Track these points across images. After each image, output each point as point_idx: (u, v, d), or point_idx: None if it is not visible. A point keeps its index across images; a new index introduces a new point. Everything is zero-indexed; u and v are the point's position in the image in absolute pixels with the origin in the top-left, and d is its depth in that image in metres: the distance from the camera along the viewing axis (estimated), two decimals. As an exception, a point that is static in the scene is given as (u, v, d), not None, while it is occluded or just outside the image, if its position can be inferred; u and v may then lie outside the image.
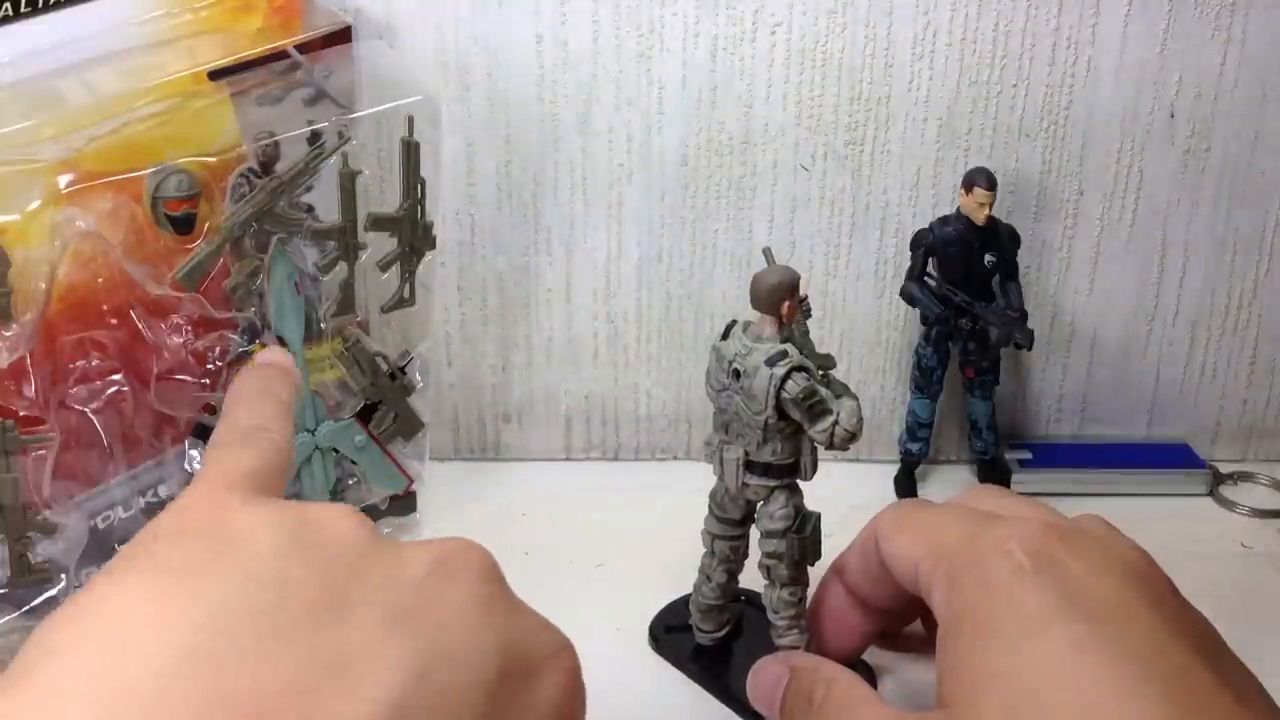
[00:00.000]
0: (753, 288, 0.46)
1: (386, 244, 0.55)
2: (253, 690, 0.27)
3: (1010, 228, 0.63)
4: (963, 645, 0.37)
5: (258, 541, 0.30)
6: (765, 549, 0.49)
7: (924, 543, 0.42)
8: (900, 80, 0.62)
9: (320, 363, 0.56)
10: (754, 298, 0.46)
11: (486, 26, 0.61)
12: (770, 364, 0.45)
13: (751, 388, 0.45)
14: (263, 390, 0.40)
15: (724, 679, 0.51)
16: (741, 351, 0.46)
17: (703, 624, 0.52)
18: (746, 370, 0.45)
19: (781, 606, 0.49)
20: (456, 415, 0.69)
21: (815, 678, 0.43)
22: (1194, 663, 0.35)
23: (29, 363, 0.50)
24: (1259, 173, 0.65)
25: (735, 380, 0.46)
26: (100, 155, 0.50)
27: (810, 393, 0.45)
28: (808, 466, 0.48)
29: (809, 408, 0.45)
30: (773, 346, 0.45)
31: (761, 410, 0.45)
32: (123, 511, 0.54)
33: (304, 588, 0.29)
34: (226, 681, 0.27)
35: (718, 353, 0.47)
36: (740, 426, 0.47)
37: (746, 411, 0.46)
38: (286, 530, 0.31)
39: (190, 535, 0.31)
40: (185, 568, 0.29)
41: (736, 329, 0.47)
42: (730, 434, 0.47)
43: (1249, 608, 0.57)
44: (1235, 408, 0.70)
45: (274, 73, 0.54)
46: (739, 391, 0.46)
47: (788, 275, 0.46)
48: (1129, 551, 0.40)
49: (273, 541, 0.30)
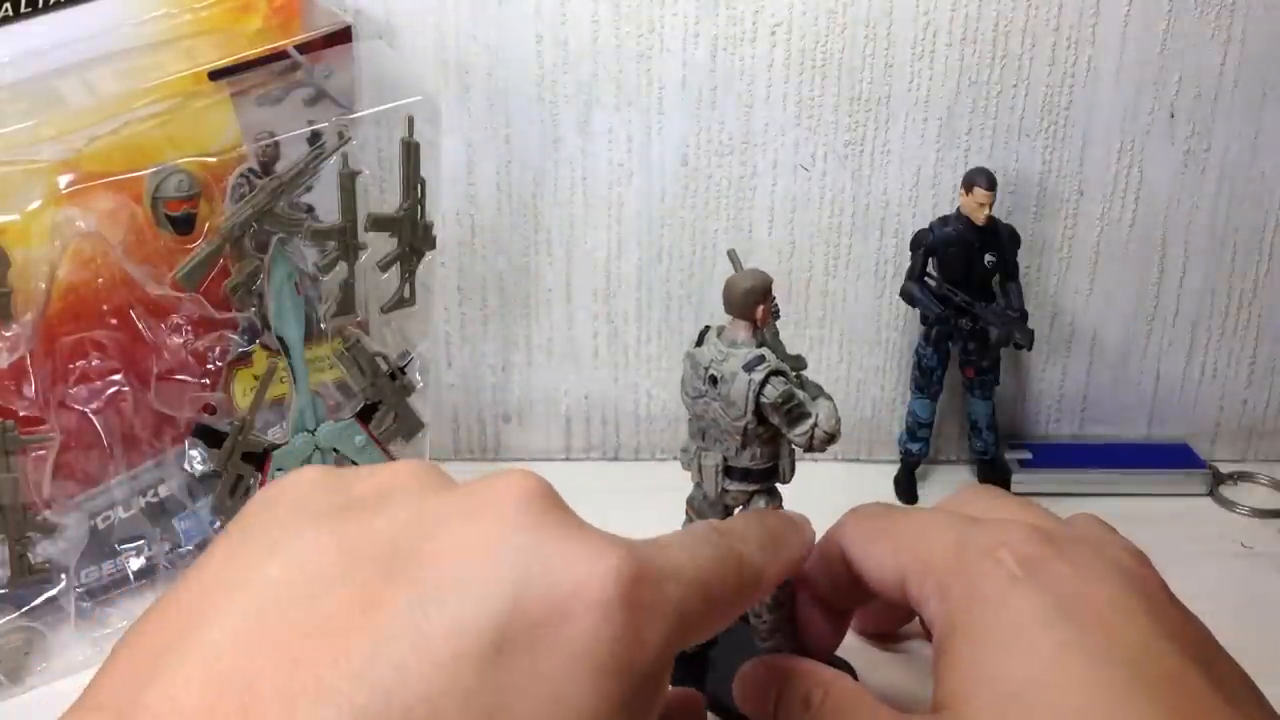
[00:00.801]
0: (726, 293, 0.46)
1: (386, 244, 0.55)
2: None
3: (1010, 228, 0.63)
4: (955, 651, 0.37)
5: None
6: None
7: (907, 554, 0.41)
8: (900, 80, 0.62)
9: (320, 363, 0.56)
10: (727, 302, 0.46)
11: (486, 26, 0.61)
12: (748, 369, 0.44)
13: (730, 394, 0.45)
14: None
15: (704, 686, 0.51)
16: (717, 358, 0.45)
17: None
18: (724, 376, 0.45)
19: (764, 610, 0.48)
20: (456, 415, 0.69)
21: (812, 681, 0.42)
22: (1186, 666, 0.35)
23: (29, 363, 0.50)
24: (1259, 173, 0.65)
25: (713, 387, 0.45)
26: (100, 155, 0.50)
27: (789, 396, 0.44)
28: (786, 470, 0.47)
29: (787, 412, 0.44)
30: (749, 351, 0.45)
31: (741, 416, 0.45)
32: (123, 511, 0.54)
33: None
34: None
35: (692, 360, 0.46)
36: (718, 433, 0.46)
37: (725, 418, 0.45)
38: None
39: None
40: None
41: (710, 334, 0.46)
42: (707, 440, 0.47)
43: (1249, 608, 0.57)
44: (1235, 408, 0.70)
45: (274, 73, 0.54)
46: (717, 398, 0.45)
47: (761, 279, 0.45)
48: (1122, 553, 0.40)
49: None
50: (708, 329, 0.46)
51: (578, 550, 0.29)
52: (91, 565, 0.54)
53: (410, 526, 0.29)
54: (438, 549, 0.29)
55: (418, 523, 0.30)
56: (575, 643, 0.28)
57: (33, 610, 0.52)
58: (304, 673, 0.26)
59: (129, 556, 0.55)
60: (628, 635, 0.29)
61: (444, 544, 0.29)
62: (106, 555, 0.55)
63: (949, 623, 0.38)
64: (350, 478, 0.32)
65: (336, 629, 0.27)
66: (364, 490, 0.32)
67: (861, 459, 0.69)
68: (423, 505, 0.30)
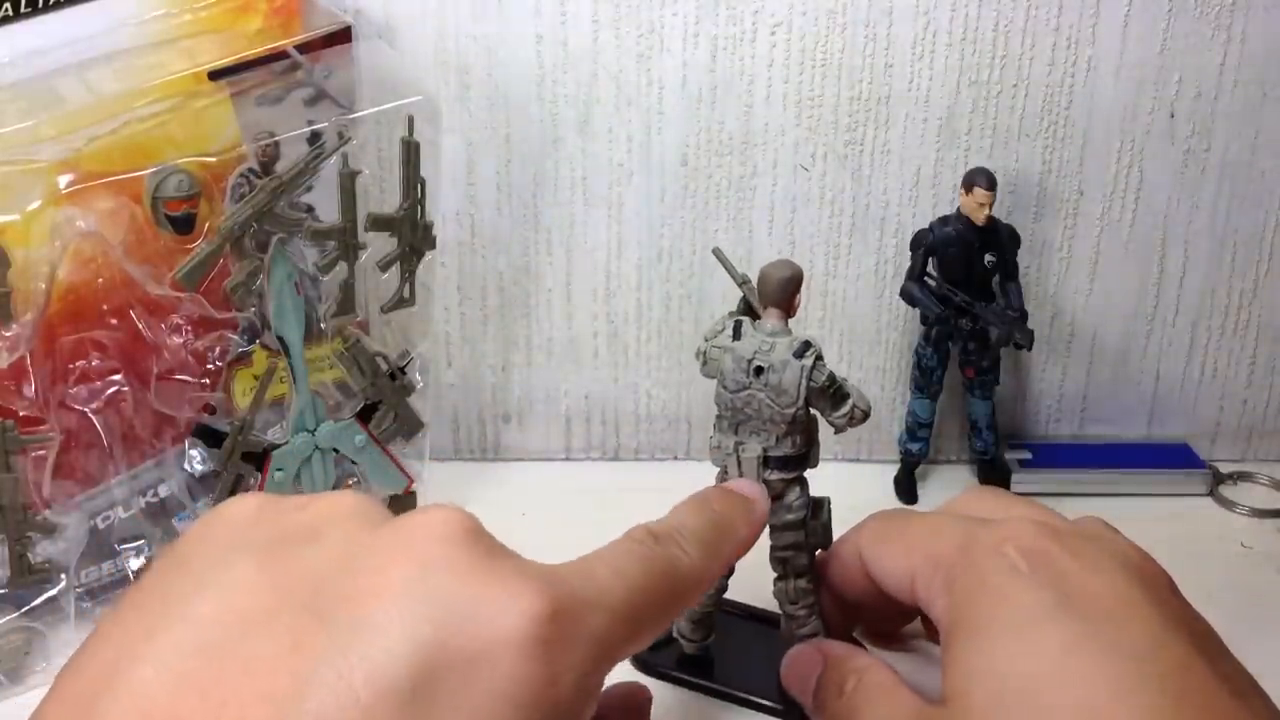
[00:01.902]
0: (762, 284, 0.47)
1: (386, 244, 0.55)
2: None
3: (1010, 228, 0.63)
4: (962, 645, 0.37)
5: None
6: (782, 542, 0.49)
7: (917, 554, 0.42)
8: (900, 80, 0.62)
9: (320, 363, 0.56)
10: (764, 291, 0.47)
11: (486, 26, 0.61)
12: (798, 356, 0.46)
13: (781, 382, 0.46)
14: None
15: (712, 677, 0.52)
16: (762, 348, 0.46)
17: (692, 634, 0.52)
18: (773, 365, 0.46)
19: (799, 596, 0.49)
20: (456, 415, 0.69)
21: (847, 667, 0.44)
22: (1192, 659, 0.35)
23: (29, 363, 0.50)
24: (1259, 173, 0.65)
25: (757, 378, 0.46)
26: (100, 155, 0.50)
27: (833, 379, 0.46)
28: (817, 455, 0.48)
29: (833, 394, 0.46)
30: (793, 339, 0.46)
31: (793, 403, 0.46)
32: (123, 511, 0.54)
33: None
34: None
35: (734, 353, 0.47)
36: (759, 423, 0.47)
37: (772, 406, 0.46)
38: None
39: None
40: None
41: (747, 327, 0.47)
42: (742, 433, 0.48)
43: (1249, 608, 0.57)
44: (1235, 408, 0.70)
45: (274, 73, 0.54)
46: (763, 388, 0.46)
47: (795, 268, 0.47)
48: (1127, 550, 0.40)
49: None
50: (739, 321, 0.47)
51: (497, 591, 0.30)
52: (91, 565, 0.54)
53: (338, 564, 0.30)
54: (360, 589, 0.29)
55: (345, 560, 0.30)
56: (494, 683, 0.28)
57: (33, 610, 0.52)
58: (231, 713, 0.27)
59: (129, 556, 0.55)
60: (546, 674, 0.29)
61: (367, 584, 0.29)
62: (106, 555, 0.55)
63: (956, 617, 0.38)
64: (286, 508, 0.33)
65: (263, 669, 0.27)
66: (298, 523, 0.32)
67: (861, 459, 0.69)
68: (350, 543, 0.31)
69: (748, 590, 0.52)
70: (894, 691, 0.41)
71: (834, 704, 0.43)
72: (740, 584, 0.51)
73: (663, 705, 0.51)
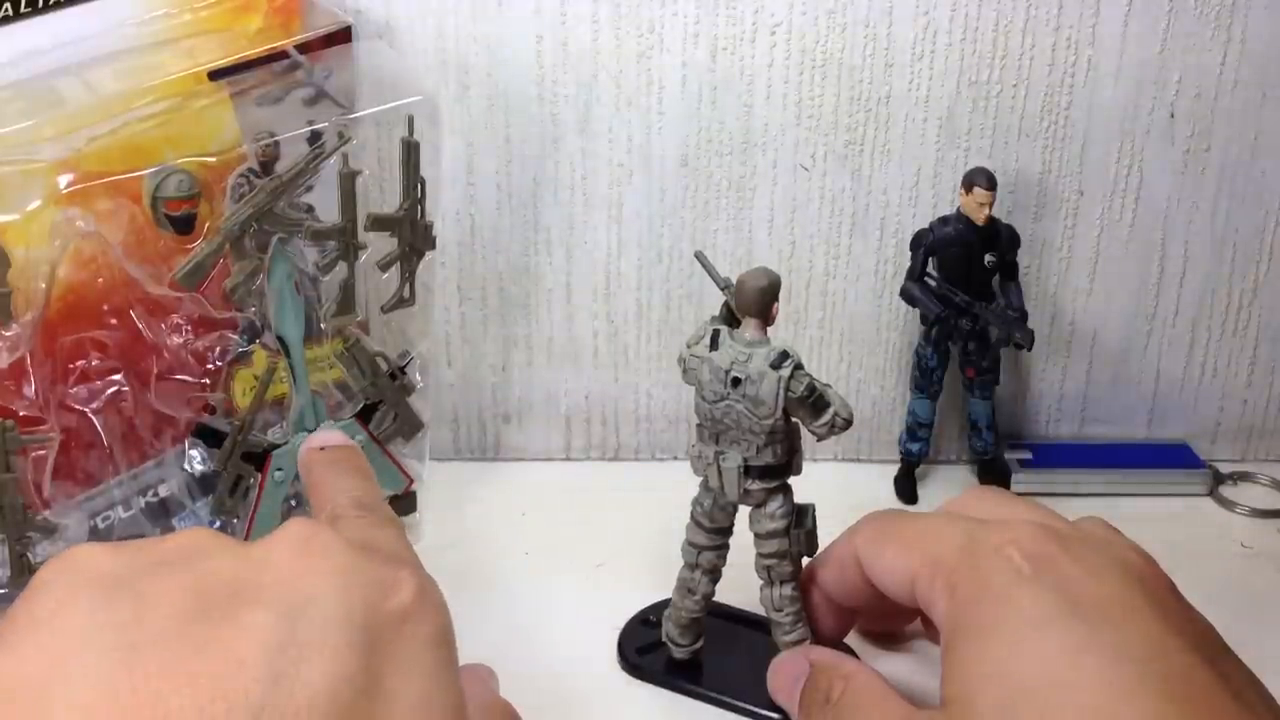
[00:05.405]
0: (741, 293, 0.46)
1: (386, 244, 0.55)
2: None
3: (1010, 228, 0.63)
4: (963, 648, 0.37)
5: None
6: (765, 550, 0.49)
7: (917, 555, 0.42)
8: (900, 80, 0.62)
9: (320, 363, 0.56)
10: (741, 302, 0.46)
11: (486, 26, 0.61)
12: (775, 366, 0.45)
13: (758, 393, 0.45)
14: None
15: (700, 684, 0.51)
16: (739, 359, 0.46)
17: (681, 639, 0.52)
18: (749, 377, 0.45)
19: (785, 604, 0.49)
20: (456, 415, 0.69)
21: (834, 674, 0.43)
22: (1194, 663, 0.35)
23: (29, 363, 0.50)
24: (1259, 173, 0.65)
25: (734, 388, 0.46)
26: (100, 155, 0.50)
27: (812, 388, 0.45)
28: (799, 463, 0.48)
29: (812, 404, 0.45)
30: (770, 349, 0.46)
31: (770, 414, 0.45)
32: (123, 511, 0.54)
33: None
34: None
35: (711, 364, 0.46)
36: (739, 434, 0.46)
37: (750, 417, 0.46)
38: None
39: None
40: None
41: (724, 336, 0.47)
42: (723, 443, 0.47)
43: (1249, 608, 0.57)
44: (1235, 408, 0.70)
45: (274, 73, 0.54)
46: (741, 399, 0.46)
47: (773, 277, 0.46)
48: (1129, 553, 0.40)
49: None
50: (718, 331, 0.47)
51: (389, 567, 0.33)
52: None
53: (238, 566, 0.31)
54: (278, 579, 0.31)
55: (244, 561, 0.31)
56: (421, 633, 0.32)
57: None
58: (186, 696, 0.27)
59: (129, 556, 0.55)
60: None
61: (276, 576, 0.31)
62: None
63: (957, 620, 0.38)
64: (142, 544, 0.33)
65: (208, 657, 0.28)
66: (165, 549, 0.32)
67: (861, 459, 0.69)
68: (234, 553, 0.32)
69: (737, 594, 0.52)
70: (882, 698, 0.41)
71: (820, 711, 0.43)
72: (729, 588, 0.51)
73: (652, 711, 0.51)
